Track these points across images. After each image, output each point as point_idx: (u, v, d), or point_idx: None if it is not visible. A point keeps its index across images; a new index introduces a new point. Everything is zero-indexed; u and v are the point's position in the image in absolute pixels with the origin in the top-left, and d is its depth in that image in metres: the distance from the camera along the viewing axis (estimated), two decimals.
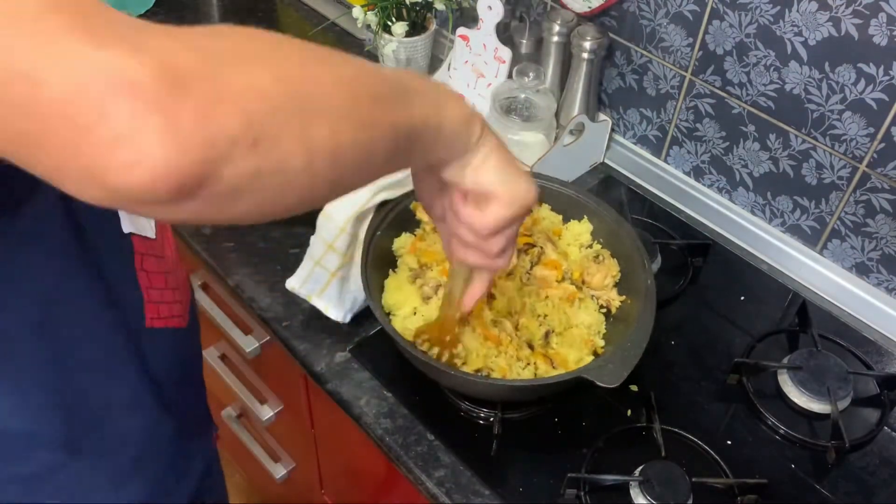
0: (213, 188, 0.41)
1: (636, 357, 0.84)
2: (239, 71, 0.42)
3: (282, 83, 0.43)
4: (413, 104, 0.55)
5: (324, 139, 0.46)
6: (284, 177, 0.44)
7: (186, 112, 0.38)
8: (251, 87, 0.42)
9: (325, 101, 0.46)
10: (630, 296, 0.96)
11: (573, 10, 1.19)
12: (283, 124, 0.43)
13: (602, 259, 0.99)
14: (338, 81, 0.48)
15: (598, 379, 0.82)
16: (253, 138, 0.41)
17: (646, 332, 0.87)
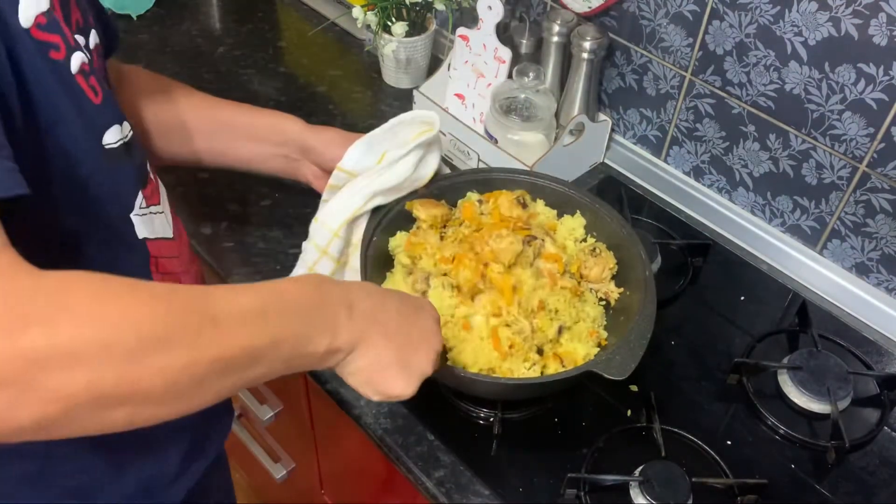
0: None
1: (642, 348, 0.84)
2: (52, 376, 0.45)
3: (91, 389, 0.47)
4: (258, 366, 0.57)
5: (119, 421, 0.50)
6: (76, 436, 0.50)
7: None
8: (57, 393, 0.46)
9: (135, 395, 0.49)
10: (628, 288, 0.96)
11: (573, 10, 1.19)
12: (77, 418, 0.48)
13: (598, 252, 0.99)
14: (160, 374, 0.49)
15: (607, 372, 0.82)
16: (41, 429, 0.47)
17: (649, 323, 0.87)
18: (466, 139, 1.22)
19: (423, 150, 0.96)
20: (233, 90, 1.41)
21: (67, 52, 0.58)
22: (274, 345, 0.57)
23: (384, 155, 0.94)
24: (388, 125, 0.95)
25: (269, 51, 1.51)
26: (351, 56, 1.52)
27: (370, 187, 0.94)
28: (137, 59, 1.46)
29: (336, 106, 1.39)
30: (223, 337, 0.53)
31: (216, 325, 0.53)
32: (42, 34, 0.56)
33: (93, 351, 0.46)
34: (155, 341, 0.49)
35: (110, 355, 0.47)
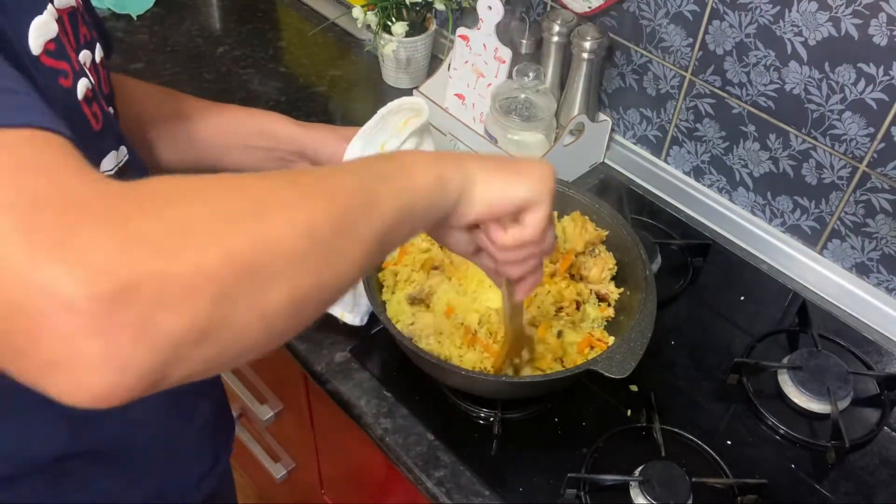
0: (166, 383, 0.39)
1: (643, 347, 0.84)
2: (182, 262, 0.38)
3: (231, 261, 0.40)
4: (378, 205, 0.53)
5: (282, 300, 0.43)
6: (244, 344, 0.42)
7: (125, 330, 0.36)
8: (195, 277, 0.38)
9: (281, 261, 0.43)
10: (628, 288, 0.97)
11: (573, 10, 1.19)
12: (234, 304, 0.40)
13: (598, 253, 0.99)
14: (294, 231, 0.45)
15: (607, 370, 0.82)
16: (200, 333, 0.39)
17: (650, 322, 0.87)
18: (466, 139, 1.22)
19: (417, 137, 0.96)
20: (233, 90, 1.41)
21: (74, 79, 0.58)
22: (383, 177, 0.55)
23: (383, 146, 0.94)
24: (378, 116, 0.95)
25: (269, 51, 1.51)
26: (351, 56, 1.52)
27: None
28: (137, 59, 1.46)
29: (336, 106, 1.39)
30: (330, 186, 0.50)
31: (319, 181, 0.50)
32: (52, 61, 0.55)
33: (212, 226, 0.41)
34: (270, 201, 0.45)
35: (233, 225, 0.42)
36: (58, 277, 0.35)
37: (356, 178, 0.53)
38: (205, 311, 0.39)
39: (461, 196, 0.60)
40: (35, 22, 0.53)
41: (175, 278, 0.38)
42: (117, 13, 1.55)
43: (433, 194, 0.58)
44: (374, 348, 1.00)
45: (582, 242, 0.99)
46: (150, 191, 0.42)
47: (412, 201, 0.56)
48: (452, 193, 0.60)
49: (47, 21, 0.54)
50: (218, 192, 0.44)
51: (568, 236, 1.00)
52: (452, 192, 0.60)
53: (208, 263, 0.39)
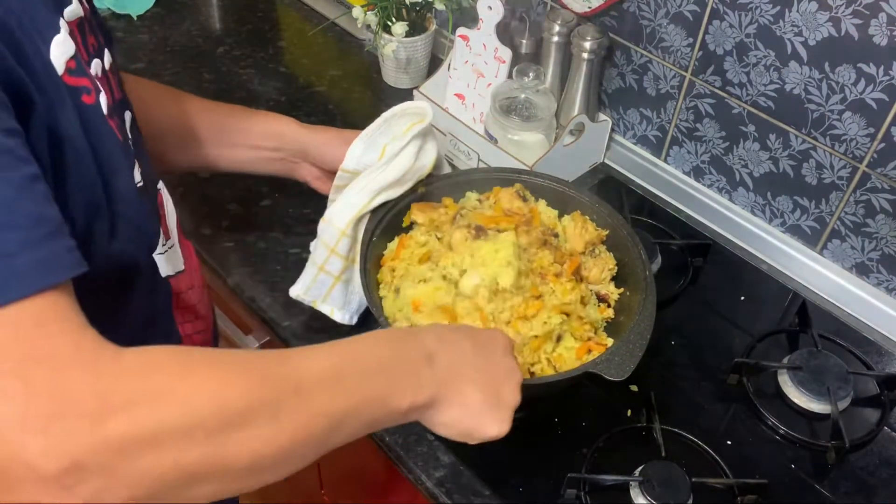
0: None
1: (642, 349, 0.84)
2: (140, 461, 0.46)
3: (178, 469, 0.47)
4: (342, 429, 0.57)
5: (205, 494, 0.50)
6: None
7: (77, 499, 0.44)
8: (144, 476, 0.46)
9: (221, 471, 0.50)
10: (628, 288, 0.97)
11: (573, 10, 1.19)
12: (167, 495, 0.47)
13: (598, 253, 0.99)
14: (247, 454, 0.50)
15: (606, 372, 0.82)
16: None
17: (649, 324, 0.87)
18: (466, 139, 1.22)
19: (420, 140, 0.96)
20: (233, 90, 1.41)
21: (96, 94, 0.58)
22: (355, 409, 0.57)
23: (385, 149, 0.94)
24: (381, 119, 0.95)
25: (269, 51, 1.51)
26: (351, 56, 1.52)
27: (374, 183, 0.94)
28: (137, 59, 1.46)
29: (336, 106, 1.39)
30: (304, 405, 0.53)
31: (297, 393, 0.53)
32: (73, 79, 0.55)
33: (177, 433, 0.46)
34: (238, 417, 0.49)
35: (194, 436, 0.47)
36: (37, 459, 0.43)
37: (333, 400, 0.56)
38: (141, 498, 0.46)
39: (429, 421, 0.66)
40: (56, 40, 0.53)
41: (128, 473, 0.45)
42: (117, 13, 1.55)
43: (400, 418, 0.63)
44: None
45: (582, 242, 0.99)
46: (133, 381, 0.47)
47: (374, 424, 0.61)
48: (415, 418, 0.65)
49: (65, 39, 0.54)
50: (192, 394, 0.48)
51: (568, 236, 1.00)
52: (416, 418, 0.65)
53: (159, 466, 0.46)
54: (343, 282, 0.96)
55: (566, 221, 1.02)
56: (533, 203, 1.03)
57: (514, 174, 1.05)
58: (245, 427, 0.49)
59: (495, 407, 0.68)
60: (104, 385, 0.45)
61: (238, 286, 1.08)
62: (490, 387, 0.67)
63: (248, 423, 0.49)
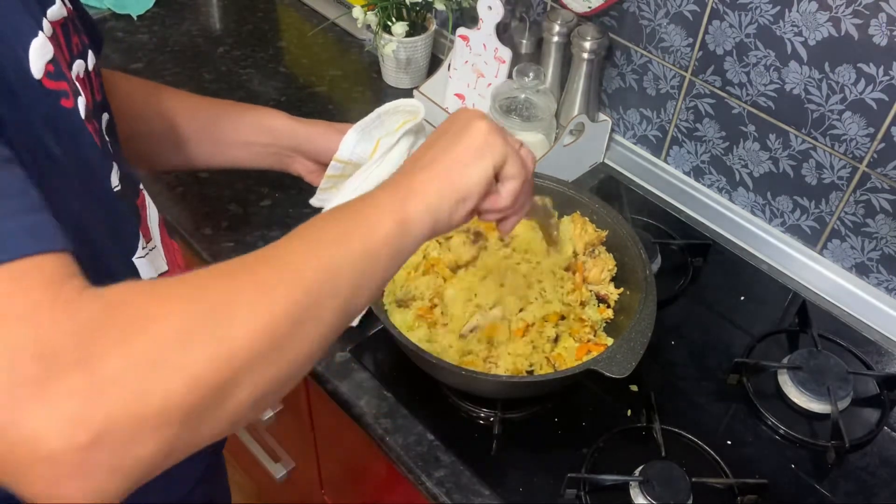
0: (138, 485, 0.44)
1: (643, 346, 0.85)
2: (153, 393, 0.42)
3: (196, 386, 0.43)
4: (339, 282, 0.53)
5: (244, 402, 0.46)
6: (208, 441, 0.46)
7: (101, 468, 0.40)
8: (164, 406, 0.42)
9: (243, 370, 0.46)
10: (628, 287, 0.97)
11: (573, 10, 1.19)
12: (199, 420, 0.44)
13: (598, 253, 0.99)
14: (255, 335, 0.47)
15: (608, 370, 0.82)
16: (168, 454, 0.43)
17: (650, 322, 0.87)
18: None
19: (412, 137, 0.95)
20: (233, 90, 1.41)
21: (74, 99, 0.57)
22: (338, 243, 0.55)
23: (379, 142, 0.93)
24: (375, 113, 0.95)
25: (269, 51, 1.51)
26: (351, 56, 1.52)
27: (368, 182, 0.93)
28: (137, 59, 1.46)
29: (336, 106, 1.39)
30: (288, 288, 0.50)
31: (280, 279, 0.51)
32: (53, 83, 0.54)
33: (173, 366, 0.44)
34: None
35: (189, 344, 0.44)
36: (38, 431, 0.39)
37: (314, 253, 0.54)
38: (173, 436, 0.43)
39: (434, 223, 0.61)
40: (34, 44, 0.52)
41: (145, 416, 0.41)
42: (117, 13, 1.55)
43: (396, 240, 0.58)
44: (373, 348, 1.00)
45: (582, 243, 0.99)
46: (117, 314, 0.44)
47: (375, 257, 0.57)
48: (419, 229, 0.60)
49: (43, 43, 0.53)
50: (179, 304, 0.45)
51: (568, 237, 1.00)
52: (418, 228, 0.60)
53: (174, 395, 0.42)
54: None
55: (565, 222, 1.02)
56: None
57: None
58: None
59: (465, 162, 0.64)
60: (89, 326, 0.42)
61: None
62: (455, 157, 0.64)
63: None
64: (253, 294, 0.48)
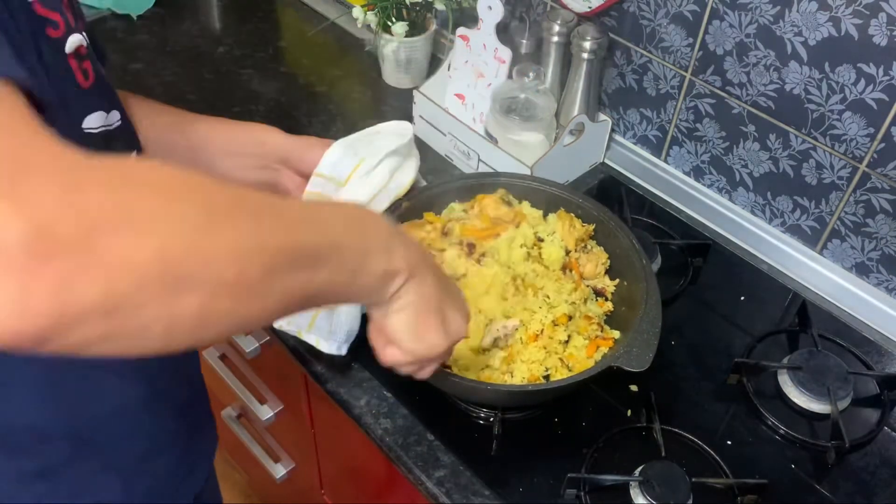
0: (60, 345, 0.41)
1: (656, 337, 0.86)
2: (118, 240, 0.40)
3: (161, 258, 0.42)
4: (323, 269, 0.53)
5: (191, 312, 0.44)
6: (141, 338, 0.44)
7: (43, 281, 0.38)
8: (124, 259, 0.40)
9: (206, 275, 0.44)
10: (624, 278, 0.97)
11: (573, 10, 1.19)
12: (147, 297, 0.42)
13: (590, 248, 1.00)
14: (232, 253, 0.46)
15: (627, 365, 0.83)
16: (109, 309, 0.41)
17: (657, 312, 0.88)
18: (466, 139, 1.22)
19: (399, 158, 0.94)
20: (233, 90, 1.41)
21: (66, 32, 0.58)
22: (336, 248, 0.55)
23: (362, 161, 0.91)
24: (365, 132, 0.94)
25: (269, 51, 1.51)
26: (351, 56, 1.52)
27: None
28: (137, 59, 1.46)
29: (336, 106, 1.39)
30: (287, 227, 0.51)
31: (279, 216, 0.51)
32: (43, 10, 0.56)
33: (159, 217, 0.42)
34: (223, 216, 0.46)
35: (178, 224, 0.43)
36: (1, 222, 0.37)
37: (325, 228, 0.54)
38: (120, 292, 0.41)
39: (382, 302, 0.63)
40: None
41: (105, 254, 0.40)
42: (117, 13, 1.55)
43: (369, 287, 0.60)
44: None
45: (572, 240, 1.00)
46: (111, 166, 0.43)
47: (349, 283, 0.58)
48: (382, 297, 0.62)
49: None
50: (181, 190, 0.45)
51: (558, 235, 1.00)
52: (382, 297, 0.62)
53: (140, 252, 0.41)
54: (326, 311, 0.94)
55: (552, 220, 1.02)
56: (517, 206, 1.03)
57: (492, 178, 1.05)
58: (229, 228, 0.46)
59: (444, 320, 0.67)
60: (75, 164, 0.41)
61: None
62: (446, 299, 0.67)
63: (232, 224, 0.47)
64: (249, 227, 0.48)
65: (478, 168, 1.22)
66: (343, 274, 0.56)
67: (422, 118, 1.30)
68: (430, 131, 1.29)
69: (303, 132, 1.32)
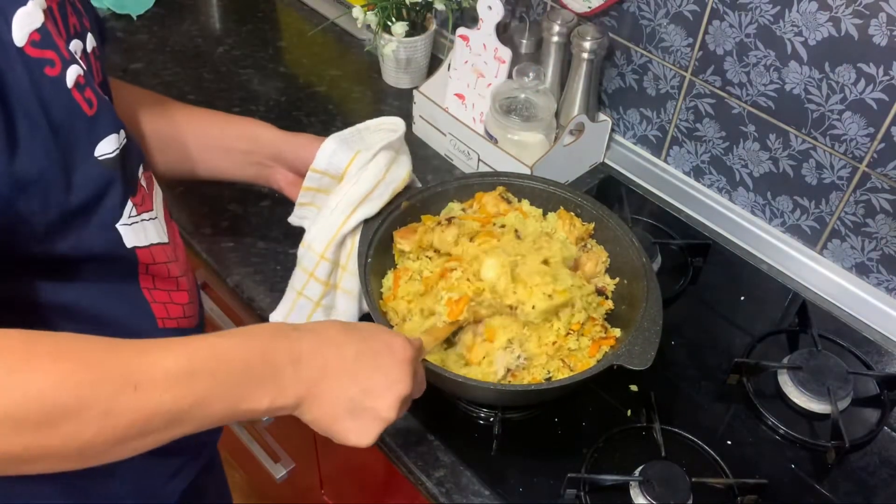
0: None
1: (657, 335, 0.85)
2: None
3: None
4: (186, 425, 0.58)
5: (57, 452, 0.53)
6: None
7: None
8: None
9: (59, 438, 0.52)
10: (624, 277, 0.97)
11: (573, 10, 1.19)
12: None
13: (590, 247, 1.00)
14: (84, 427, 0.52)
15: (629, 363, 0.83)
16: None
17: (658, 309, 0.88)
18: (466, 139, 1.22)
19: (391, 152, 0.93)
20: (233, 90, 1.41)
21: (63, 67, 0.59)
22: (200, 406, 0.58)
23: (357, 154, 0.91)
24: (355, 128, 0.93)
25: (269, 51, 1.51)
26: (351, 56, 1.52)
27: (347, 200, 0.91)
28: (137, 59, 1.46)
29: (336, 106, 1.39)
30: (141, 402, 0.54)
31: (136, 390, 0.54)
32: (37, 51, 0.56)
33: (2, 422, 0.49)
34: (63, 411, 0.51)
35: (16, 426, 0.49)
36: None
37: (176, 399, 0.56)
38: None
39: (296, 411, 0.65)
40: (19, 13, 0.54)
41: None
42: (117, 13, 1.55)
43: (260, 415, 0.63)
44: None
45: (573, 238, 0.99)
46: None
47: (232, 418, 0.61)
48: (283, 412, 0.64)
49: (31, 11, 0.55)
50: (23, 386, 0.51)
51: (559, 234, 1.00)
52: (283, 412, 0.64)
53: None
54: (323, 307, 0.94)
55: (552, 219, 1.02)
56: (517, 204, 1.03)
57: (491, 177, 1.04)
58: (71, 420, 0.51)
59: (360, 417, 0.67)
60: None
61: (238, 286, 1.08)
62: (361, 397, 0.67)
63: (74, 416, 0.51)
64: (96, 414, 0.53)
65: (478, 168, 1.22)
66: (211, 420, 0.59)
67: (422, 118, 1.30)
68: (430, 131, 1.29)
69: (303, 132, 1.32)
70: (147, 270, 0.73)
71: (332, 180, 0.93)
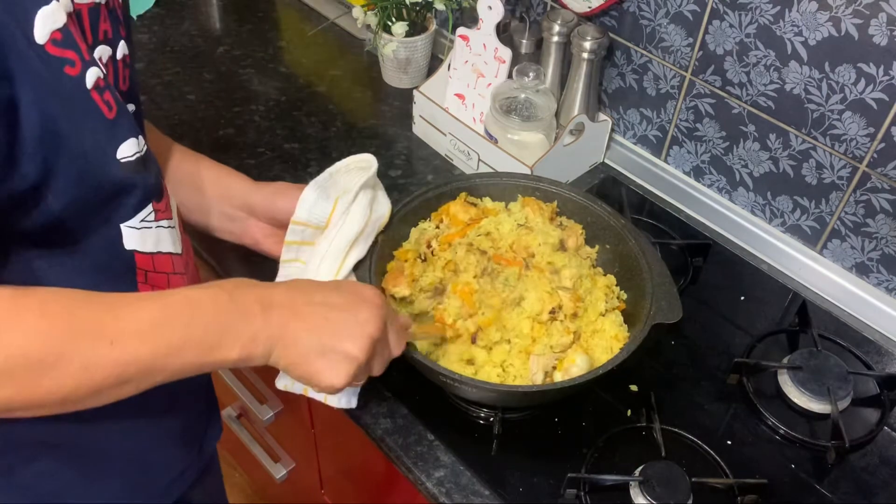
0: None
1: (673, 285, 0.91)
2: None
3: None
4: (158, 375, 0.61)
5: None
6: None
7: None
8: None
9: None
10: (606, 242, 1.01)
11: (573, 10, 1.19)
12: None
13: (563, 224, 1.02)
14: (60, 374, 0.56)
15: (664, 318, 0.87)
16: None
17: (659, 261, 0.93)
18: (466, 139, 1.22)
19: (370, 190, 0.92)
20: (233, 90, 1.41)
21: (83, 68, 0.59)
22: (174, 355, 0.60)
23: (337, 200, 0.89)
24: (327, 172, 0.91)
25: (269, 51, 1.51)
26: (351, 56, 1.52)
27: (336, 246, 0.89)
28: (137, 59, 1.46)
29: (336, 106, 1.39)
30: (117, 354, 0.57)
31: (111, 343, 0.57)
32: (57, 50, 0.56)
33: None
34: (43, 365, 0.54)
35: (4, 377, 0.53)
36: None
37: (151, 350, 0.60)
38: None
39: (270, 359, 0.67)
40: (41, 12, 0.55)
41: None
42: None
43: (233, 364, 0.65)
44: None
45: (546, 220, 1.01)
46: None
47: (206, 367, 0.63)
48: (255, 362, 0.67)
49: (55, 11, 0.56)
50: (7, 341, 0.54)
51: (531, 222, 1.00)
52: (255, 362, 0.67)
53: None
54: None
55: (515, 208, 1.02)
56: (481, 203, 1.04)
57: (451, 182, 1.04)
58: (51, 372, 0.55)
59: (331, 358, 0.69)
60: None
61: None
62: (331, 337, 0.69)
63: (54, 369, 0.55)
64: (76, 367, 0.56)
65: (478, 168, 1.22)
66: (186, 368, 0.62)
67: (422, 118, 1.30)
68: (430, 131, 1.29)
69: (303, 132, 1.32)
70: (146, 278, 0.73)
71: (314, 230, 0.90)
